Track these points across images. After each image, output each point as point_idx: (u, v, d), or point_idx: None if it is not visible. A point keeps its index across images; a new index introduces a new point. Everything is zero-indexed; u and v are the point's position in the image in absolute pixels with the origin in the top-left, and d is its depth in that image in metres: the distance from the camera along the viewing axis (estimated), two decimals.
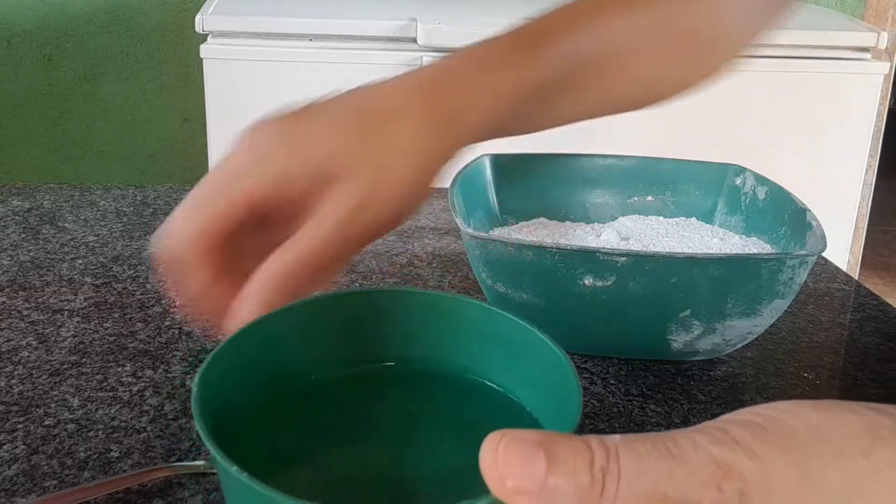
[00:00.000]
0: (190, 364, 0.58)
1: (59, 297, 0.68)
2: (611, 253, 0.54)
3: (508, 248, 0.55)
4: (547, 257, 0.54)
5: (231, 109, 1.47)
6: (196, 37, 1.48)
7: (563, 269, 0.54)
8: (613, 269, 0.54)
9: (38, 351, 0.59)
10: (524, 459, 0.25)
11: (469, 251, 0.60)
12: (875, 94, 1.60)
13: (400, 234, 0.84)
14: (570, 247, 0.54)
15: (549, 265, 0.54)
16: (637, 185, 0.72)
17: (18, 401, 0.53)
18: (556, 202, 0.71)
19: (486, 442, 0.26)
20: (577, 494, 0.25)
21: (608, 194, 0.72)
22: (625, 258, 0.53)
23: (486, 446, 0.26)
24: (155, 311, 0.66)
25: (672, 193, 0.71)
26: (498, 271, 0.57)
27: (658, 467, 0.25)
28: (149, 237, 0.81)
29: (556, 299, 0.56)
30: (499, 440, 0.26)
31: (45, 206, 0.89)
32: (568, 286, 0.55)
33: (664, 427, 0.53)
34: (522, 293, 0.57)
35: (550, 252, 0.54)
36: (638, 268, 0.53)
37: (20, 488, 0.45)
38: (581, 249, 0.54)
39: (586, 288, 0.55)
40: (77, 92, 2.03)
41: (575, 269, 0.54)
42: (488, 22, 1.50)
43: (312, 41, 1.47)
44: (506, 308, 0.41)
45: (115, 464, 0.47)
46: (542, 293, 0.56)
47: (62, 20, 1.98)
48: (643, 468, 0.25)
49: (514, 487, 0.25)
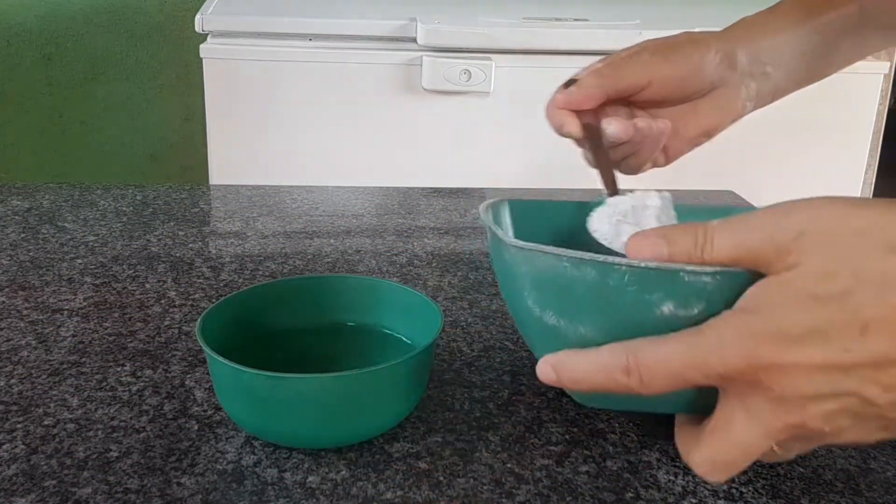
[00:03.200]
0: (189, 364, 0.58)
1: (58, 296, 0.68)
2: (699, 272, 0.40)
3: (564, 263, 0.43)
4: (614, 277, 0.42)
5: (231, 109, 1.47)
6: (196, 37, 1.48)
7: (634, 294, 0.42)
8: (702, 292, 0.41)
9: (38, 350, 0.59)
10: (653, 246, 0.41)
11: (510, 272, 0.48)
12: (875, 94, 1.60)
13: (400, 234, 0.84)
14: (644, 265, 0.41)
15: (615, 289, 0.42)
16: None
17: (18, 400, 0.53)
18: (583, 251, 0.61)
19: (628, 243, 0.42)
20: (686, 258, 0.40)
21: None
22: (718, 277, 0.40)
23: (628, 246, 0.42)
24: (154, 310, 0.66)
25: None
26: (549, 295, 0.45)
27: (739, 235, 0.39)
28: (148, 237, 0.81)
29: (621, 335, 0.42)
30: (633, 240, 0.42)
31: (44, 205, 0.89)
32: (639, 317, 0.42)
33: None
34: (579, 325, 0.44)
35: (619, 271, 0.42)
36: (734, 290, 0.40)
37: (19, 488, 0.45)
38: (660, 268, 0.41)
39: (664, 319, 0.41)
40: (77, 92, 2.03)
41: (651, 293, 0.41)
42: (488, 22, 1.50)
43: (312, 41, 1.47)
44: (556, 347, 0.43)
45: (115, 463, 0.47)
46: (605, 325, 0.43)
47: (62, 20, 1.98)
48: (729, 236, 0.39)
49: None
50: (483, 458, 0.49)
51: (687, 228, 0.40)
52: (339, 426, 0.48)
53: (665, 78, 0.61)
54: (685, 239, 0.40)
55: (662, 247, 0.41)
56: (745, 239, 0.39)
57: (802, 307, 0.37)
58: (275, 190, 0.96)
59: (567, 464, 0.49)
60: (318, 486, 0.46)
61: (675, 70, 0.61)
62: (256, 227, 0.84)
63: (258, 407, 0.47)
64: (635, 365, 0.40)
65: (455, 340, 0.63)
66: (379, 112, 1.46)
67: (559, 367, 0.43)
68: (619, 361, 0.40)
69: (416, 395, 0.51)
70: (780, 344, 0.37)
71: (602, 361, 0.41)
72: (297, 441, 0.49)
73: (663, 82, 0.61)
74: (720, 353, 0.38)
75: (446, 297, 0.70)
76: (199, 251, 0.78)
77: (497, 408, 0.54)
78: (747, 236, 0.39)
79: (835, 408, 0.37)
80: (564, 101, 0.60)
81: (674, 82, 0.61)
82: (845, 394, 0.37)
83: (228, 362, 0.47)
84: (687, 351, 0.39)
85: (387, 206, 0.92)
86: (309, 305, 0.58)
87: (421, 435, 0.51)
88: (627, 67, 0.61)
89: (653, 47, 0.62)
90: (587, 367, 0.42)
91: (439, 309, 0.53)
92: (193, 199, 0.93)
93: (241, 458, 0.48)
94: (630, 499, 0.46)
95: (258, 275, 0.73)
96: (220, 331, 0.52)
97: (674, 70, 0.61)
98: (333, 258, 0.77)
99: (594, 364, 0.41)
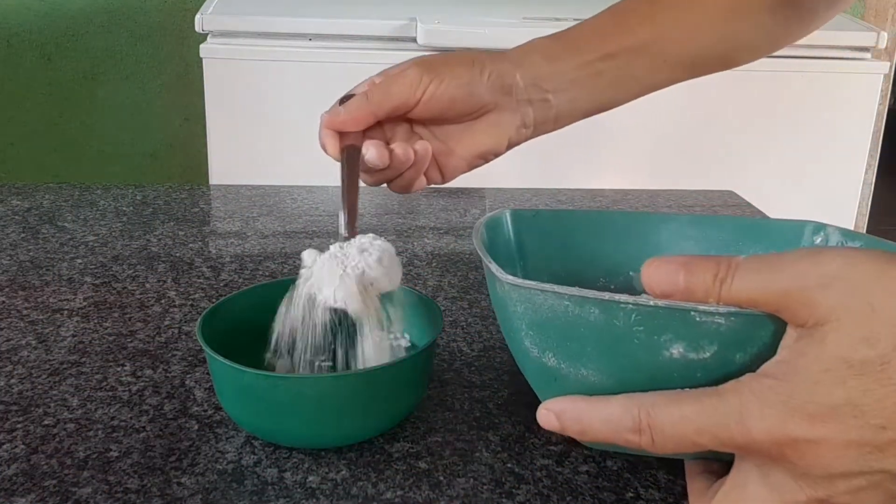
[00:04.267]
0: (189, 364, 0.58)
1: (58, 296, 0.68)
2: (712, 312, 0.38)
3: (565, 302, 0.40)
4: (620, 317, 0.39)
5: (231, 109, 1.47)
6: (196, 36, 1.48)
7: (642, 334, 0.39)
8: (715, 334, 0.38)
9: (38, 350, 0.59)
10: (669, 274, 0.38)
11: (505, 309, 0.45)
12: (875, 94, 1.60)
13: (400, 234, 0.84)
14: (653, 303, 0.38)
15: (621, 329, 0.39)
16: (690, 249, 0.58)
17: (18, 400, 0.53)
18: (592, 268, 0.58)
19: (645, 266, 0.39)
20: (704, 292, 0.37)
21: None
22: (732, 319, 0.38)
23: (644, 268, 0.39)
24: (154, 310, 0.66)
25: None
26: (549, 337, 0.42)
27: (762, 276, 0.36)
28: (148, 237, 0.81)
29: (628, 379, 0.40)
30: (651, 264, 0.38)
31: (44, 205, 0.89)
32: (647, 359, 0.39)
33: None
34: (581, 368, 0.41)
35: (625, 310, 0.39)
36: (749, 333, 0.38)
37: (19, 488, 0.45)
38: (669, 307, 0.38)
39: (674, 362, 0.39)
40: (77, 92, 2.03)
41: (660, 334, 0.39)
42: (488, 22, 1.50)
43: (312, 41, 1.47)
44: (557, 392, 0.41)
45: (115, 463, 0.47)
46: (611, 370, 0.41)
47: (62, 20, 1.98)
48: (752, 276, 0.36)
49: (662, 292, 0.38)
50: (483, 458, 0.49)
51: (710, 259, 0.37)
52: (339, 426, 0.48)
53: (433, 97, 0.59)
54: (706, 271, 0.37)
55: (679, 275, 0.38)
56: (770, 280, 0.36)
57: (835, 377, 0.34)
58: (275, 190, 0.96)
59: (567, 464, 0.49)
60: (318, 486, 0.46)
61: (444, 90, 0.59)
62: (256, 227, 0.84)
63: (258, 407, 0.48)
64: (647, 426, 0.37)
65: (455, 340, 0.63)
66: None
67: (563, 416, 0.40)
68: (631, 419, 0.38)
69: (416, 395, 0.51)
70: (810, 419, 0.34)
71: (612, 416, 0.38)
72: (297, 441, 0.49)
73: (431, 102, 0.59)
74: (742, 424, 0.35)
75: (446, 297, 0.70)
76: (199, 251, 0.78)
77: (497, 408, 0.54)
78: (772, 277, 0.36)
79: (864, 484, 0.35)
80: (329, 122, 0.59)
81: (442, 102, 0.59)
82: (878, 472, 0.34)
83: (228, 362, 0.47)
84: (704, 415, 0.36)
85: (387, 206, 0.92)
86: None
87: (421, 435, 0.51)
88: (395, 86, 0.59)
89: (425, 64, 0.60)
90: (594, 420, 0.39)
91: (439, 309, 0.53)
92: (193, 199, 0.93)
93: (241, 457, 0.48)
94: (630, 499, 0.46)
95: (258, 275, 0.73)
96: (220, 331, 0.52)
97: (443, 90, 0.59)
98: None
99: (603, 418, 0.39)
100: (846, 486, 0.35)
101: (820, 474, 0.35)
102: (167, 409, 0.53)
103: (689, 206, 0.96)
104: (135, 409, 0.53)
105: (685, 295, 0.37)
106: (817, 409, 0.34)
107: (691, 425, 0.36)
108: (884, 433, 0.33)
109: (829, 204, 1.63)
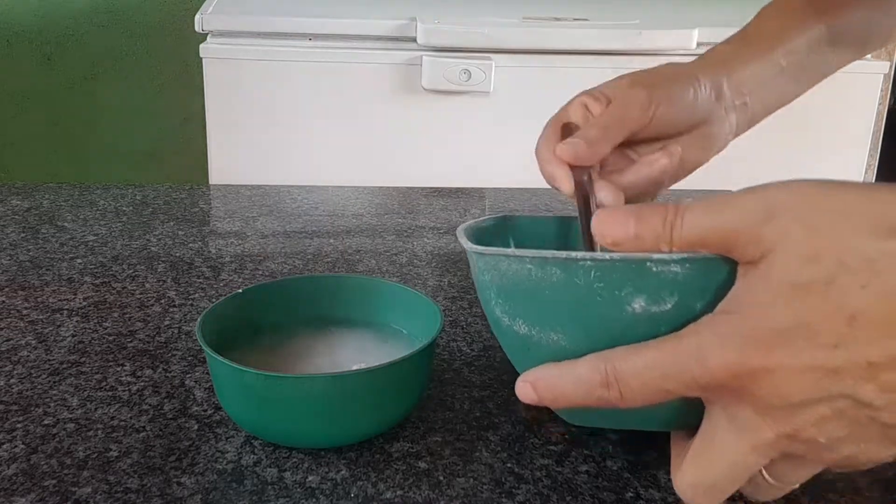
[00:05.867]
0: (189, 364, 0.58)
1: (58, 296, 0.68)
2: (667, 261, 0.38)
3: (528, 265, 0.41)
4: (580, 275, 0.40)
5: (231, 109, 1.47)
6: (196, 36, 1.48)
7: (603, 291, 0.39)
8: (673, 284, 0.38)
9: (38, 350, 0.59)
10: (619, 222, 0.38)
11: (479, 279, 0.46)
12: (875, 94, 1.60)
13: (400, 234, 0.84)
14: (609, 257, 0.39)
15: (583, 288, 0.40)
16: None
17: (18, 400, 0.53)
18: None
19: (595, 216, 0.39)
20: (654, 237, 0.37)
21: None
22: (687, 266, 0.38)
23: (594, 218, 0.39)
24: (154, 310, 0.66)
25: None
26: (517, 303, 0.43)
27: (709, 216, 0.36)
28: (148, 237, 0.81)
29: (596, 339, 0.40)
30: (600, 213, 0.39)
31: (44, 205, 0.89)
32: (612, 317, 0.40)
33: None
34: (551, 333, 0.42)
35: (584, 266, 0.39)
36: (707, 280, 0.38)
37: (19, 487, 0.45)
38: (625, 258, 0.39)
39: (637, 317, 0.39)
40: (77, 92, 2.03)
41: (620, 288, 0.39)
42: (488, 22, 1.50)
43: (312, 41, 1.47)
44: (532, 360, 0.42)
45: (115, 463, 0.47)
46: (578, 330, 0.41)
47: (62, 19, 1.98)
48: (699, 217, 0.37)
49: (613, 240, 0.38)
50: (483, 458, 0.49)
51: (657, 206, 0.38)
52: (339, 426, 0.48)
53: (662, 117, 0.57)
54: (654, 216, 0.38)
55: (630, 223, 0.38)
56: (715, 219, 0.36)
57: (784, 300, 0.34)
58: (275, 190, 0.96)
59: (567, 464, 0.49)
60: (318, 485, 0.46)
61: (672, 111, 0.57)
62: (256, 227, 0.84)
63: (258, 407, 0.48)
64: (614, 378, 0.37)
65: (455, 340, 0.63)
66: (379, 112, 1.46)
67: (538, 385, 0.40)
68: (599, 375, 0.38)
69: (417, 394, 0.51)
70: (764, 344, 0.34)
71: (580, 376, 0.39)
72: (297, 441, 0.49)
73: (660, 122, 0.57)
74: (701, 361, 0.35)
75: (446, 297, 0.70)
76: (199, 251, 0.78)
77: (497, 408, 0.54)
78: (718, 217, 0.36)
79: (827, 412, 0.34)
80: (571, 156, 0.55)
81: (669, 121, 0.58)
82: (838, 396, 0.34)
83: (228, 362, 0.47)
84: (666, 359, 0.36)
85: (387, 206, 0.92)
86: (309, 305, 0.58)
87: (421, 435, 0.51)
88: (629, 112, 0.56)
89: (647, 84, 0.57)
90: (566, 383, 0.39)
91: (439, 309, 0.53)
92: (193, 199, 0.93)
93: (241, 457, 0.48)
94: (630, 499, 0.46)
95: (258, 275, 0.73)
96: (220, 331, 0.52)
97: (671, 111, 0.57)
98: (333, 258, 0.77)
99: (573, 379, 0.39)
100: (810, 417, 0.35)
101: (781, 405, 0.35)
102: (167, 408, 0.53)
103: None
104: (135, 409, 0.53)
105: (636, 242, 0.38)
106: (769, 334, 0.34)
107: (655, 371, 0.37)
108: (836, 353, 0.33)
109: None
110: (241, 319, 0.55)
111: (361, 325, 0.58)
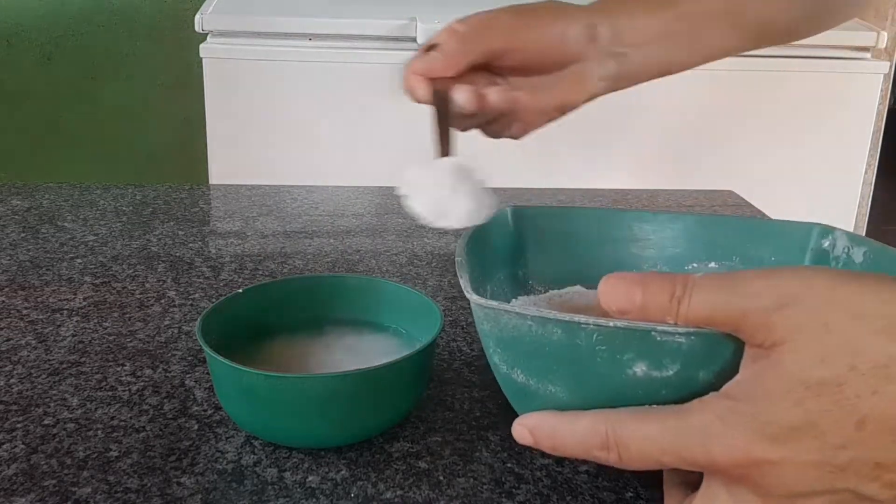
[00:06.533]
0: (189, 364, 0.58)
1: (58, 296, 0.68)
2: (672, 332, 0.38)
3: (528, 322, 0.40)
4: (582, 337, 0.39)
5: (231, 109, 1.47)
6: (196, 36, 1.48)
7: (604, 353, 0.39)
8: (676, 353, 0.38)
9: (38, 350, 0.59)
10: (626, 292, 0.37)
11: (478, 326, 0.45)
12: (875, 94, 1.60)
13: (400, 234, 0.84)
14: (613, 324, 0.39)
15: (584, 349, 0.39)
16: (696, 249, 0.58)
17: (18, 400, 0.53)
18: (595, 267, 0.54)
19: (602, 282, 0.38)
20: (660, 311, 0.37)
21: (661, 260, 0.58)
22: (693, 338, 0.38)
23: (601, 284, 0.38)
24: (154, 310, 0.66)
25: (741, 259, 0.57)
26: (516, 355, 0.43)
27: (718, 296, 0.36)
28: (148, 236, 0.81)
29: (595, 396, 0.40)
30: (608, 280, 0.38)
31: (44, 205, 0.89)
32: (612, 377, 0.39)
33: None
34: (549, 385, 0.42)
35: (586, 330, 0.39)
36: (710, 352, 0.38)
37: (19, 487, 0.45)
38: (629, 327, 0.38)
39: (638, 380, 0.39)
40: (77, 92, 2.03)
41: (622, 353, 0.39)
42: None
43: (312, 40, 1.47)
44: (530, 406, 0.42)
45: (115, 463, 0.47)
46: (577, 387, 0.41)
47: (62, 19, 1.98)
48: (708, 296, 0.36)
49: (618, 309, 0.38)
50: (483, 458, 0.49)
51: (665, 278, 0.37)
52: (339, 426, 0.48)
53: (526, 46, 0.58)
54: (662, 290, 0.37)
55: (637, 294, 0.37)
56: (725, 299, 0.36)
57: (794, 398, 0.34)
58: (275, 190, 0.96)
59: (567, 463, 0.49)
60: (318, 485, 0.46)
61: (536, 38, 0.58)
62: (256, 227, 0.84)
63: (258, 407, 0.48)
64: (614, 442, 0.38)
65: (455, 340, 0.63)
66: (379, 112, 1.46)
67: (535, 432, 0.40)
68: (598, 436, 0.38)
69: (416, 394, 0.51)
70: (771, 438, 0.34)
71: (580, 433, 0.39)
72: (297, 441, 0.49)
73: (523, 50, 0.58)
74: (705, 446, 0.35)
75: (446, 297, 0.70)
76: (199, 251, 0.78)
77: (497, 407, 0.54)
78: (728, 298, 0.36)
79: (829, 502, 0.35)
80: (424, 69, 0.58)
81: (534, 52, 0.58)
82: (842, 490, 0.34)
83: (228, 362, 0.47)
84: (667, 436, 0.36)
85: (387, 206, 0.92)
86: (309, 305, 0.58)
87: (421, 435, 0.51)
88: (489, 32, 0.57)
89: (515, 11, 0.58)
90: (565, 437, 0.39)
91: (439, 309, 0.53)
92: (193, 199, 0.93)
93: (241, 457, 0.48)
94: (630, 498, 0.46)
95: (258, 275, 0.73)
96: (220, 331, 0.52)
97: (535, 38, 0.58)
98: (333, 258, 0.77)
99: (570, 434, 0.39)
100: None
101: (783, 494, 0.35)
102: (167, 408, 0.53)
103: (689, 205, 0.96)
104: (135, 409, 0.53)
105: (641, 313, 0.37)
106: (777, 430, 0.34)
107: (656, 445, 0.37)
108: (843, 452, 0.33)
109: (829, 204, 1.63)
110: (241, 319, 0.55)
111: (361, 325, 0.58)
